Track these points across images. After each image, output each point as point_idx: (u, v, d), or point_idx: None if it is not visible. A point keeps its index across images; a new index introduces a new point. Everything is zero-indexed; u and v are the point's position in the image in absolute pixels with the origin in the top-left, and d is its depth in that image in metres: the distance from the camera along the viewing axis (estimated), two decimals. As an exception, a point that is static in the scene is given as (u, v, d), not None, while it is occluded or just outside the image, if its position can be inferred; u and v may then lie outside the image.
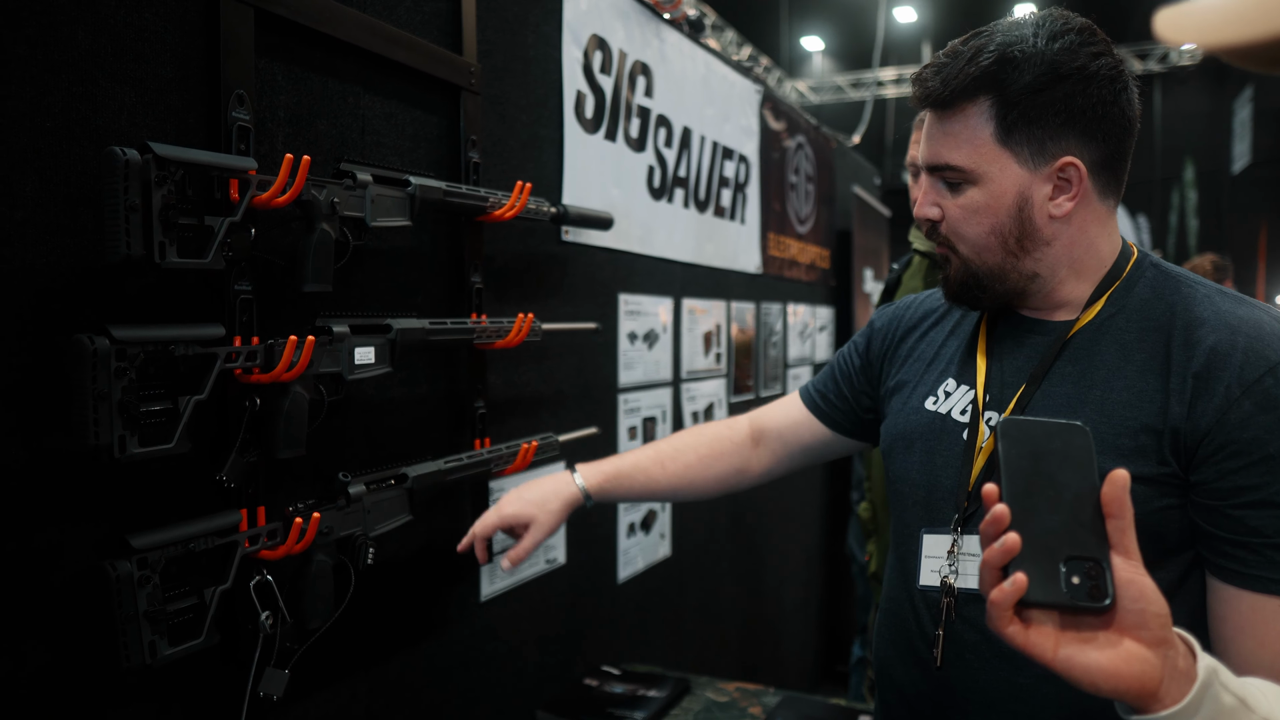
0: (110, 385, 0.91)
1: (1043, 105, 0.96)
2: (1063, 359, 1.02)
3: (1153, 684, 0.68)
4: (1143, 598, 0.69)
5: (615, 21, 2.01)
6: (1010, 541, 0.69)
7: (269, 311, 1.15)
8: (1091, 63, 0.96)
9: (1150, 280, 1.03)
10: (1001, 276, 1.04)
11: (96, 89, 0.97)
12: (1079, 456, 0.73)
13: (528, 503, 1.38)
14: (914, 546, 1.09)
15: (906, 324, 1.26)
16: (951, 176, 1.02)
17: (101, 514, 0.98)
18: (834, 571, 3.86)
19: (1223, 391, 0.90)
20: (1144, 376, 0.96)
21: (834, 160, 3.70)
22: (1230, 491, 0.89)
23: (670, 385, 2.37)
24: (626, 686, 1.89)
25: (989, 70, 0.96)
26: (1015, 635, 0.70)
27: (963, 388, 1.11)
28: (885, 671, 1.16)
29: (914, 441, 1.13)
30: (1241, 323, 0.94)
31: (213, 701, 1.11)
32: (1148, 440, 0.93)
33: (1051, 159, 0.98)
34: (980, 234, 1.02)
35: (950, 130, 1.01)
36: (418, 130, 1.43)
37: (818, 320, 3.62)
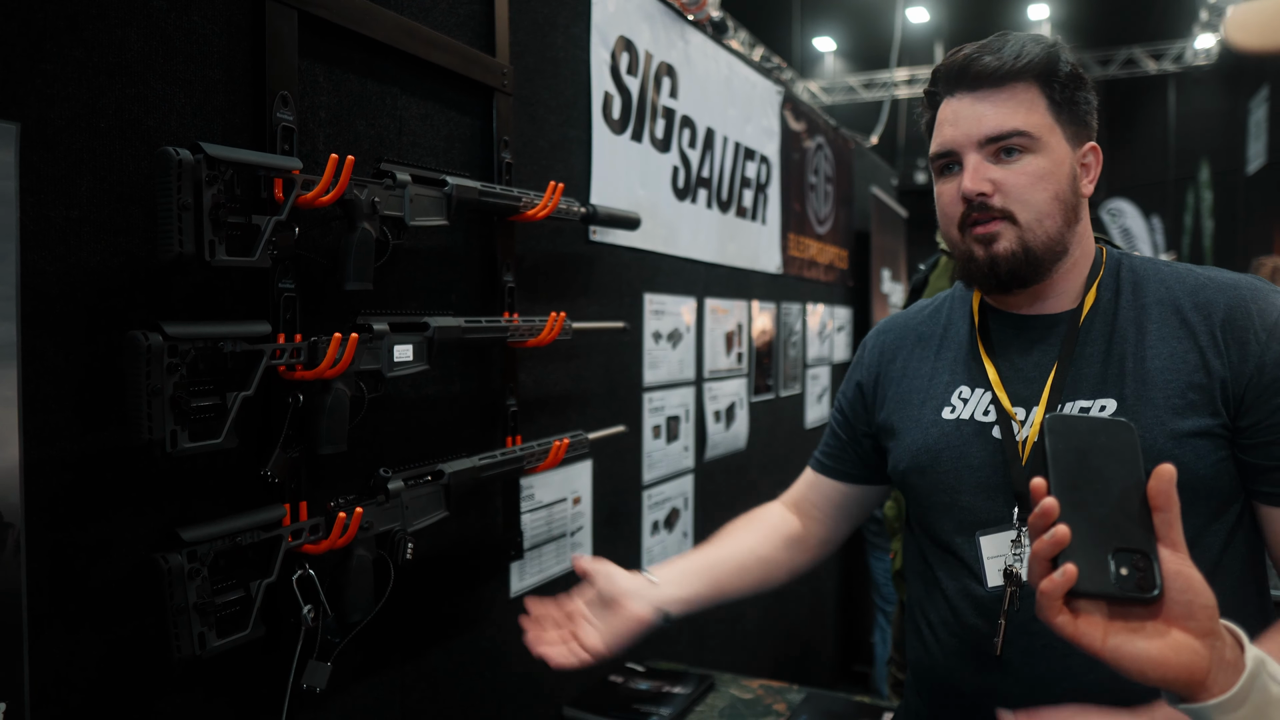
0: (163, 381, 0.93)
1: (1075, 99, 1.08)
2: (1081, 342, 1.08)
3: (1200, 673, 0.69)
4: (1190, 589, 0.70)
5: (642, 23, 2.03)
6: (1060, 533, 0.71)
7: (310, 309, 1.17)
8: (1086, 75, 1.10)
9: (1128, 266, 1.12)
10: (1053, 247, 1.06)
11: (148, 90, 0.98)
12: (1124, 451, 0.75)
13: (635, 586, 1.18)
14: (972, 552, 1.09)
15: (888, 349, 1.27)
16: (1018, 142, 1.05)
17: (152, 507, 1.00)
18: (850, 572, 3.86)
19: (1252, 338, 1.00)
20: (1169, 342, 1.03)
21: (853, 161, 3.71)
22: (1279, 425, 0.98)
23: (694, 384, 2.38)
24: (651, 683, 1.90)
25: (1039, 58, 1.06)
26: (1065, 625, 0.71)
27: (978, 391, 1.13)
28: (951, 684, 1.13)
29: (940, 453, 1.13)
30: (1235, 281, 1.05)
31: (256, 693, 1.13)
32: (1196, 396, 1.00)
33: (1083, 142, 1.10)
34: (1045, 199, 1.05)
35: (1008, 101, 1.06)
36: (452, 131, 1.45)
37: (836, 321, 3.63)
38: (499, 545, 1.59)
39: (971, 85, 1.07)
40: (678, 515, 2.32)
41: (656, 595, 1.19)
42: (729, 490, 2.61)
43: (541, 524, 1.73)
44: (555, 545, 1.78)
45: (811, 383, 3.33)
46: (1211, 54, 14.45)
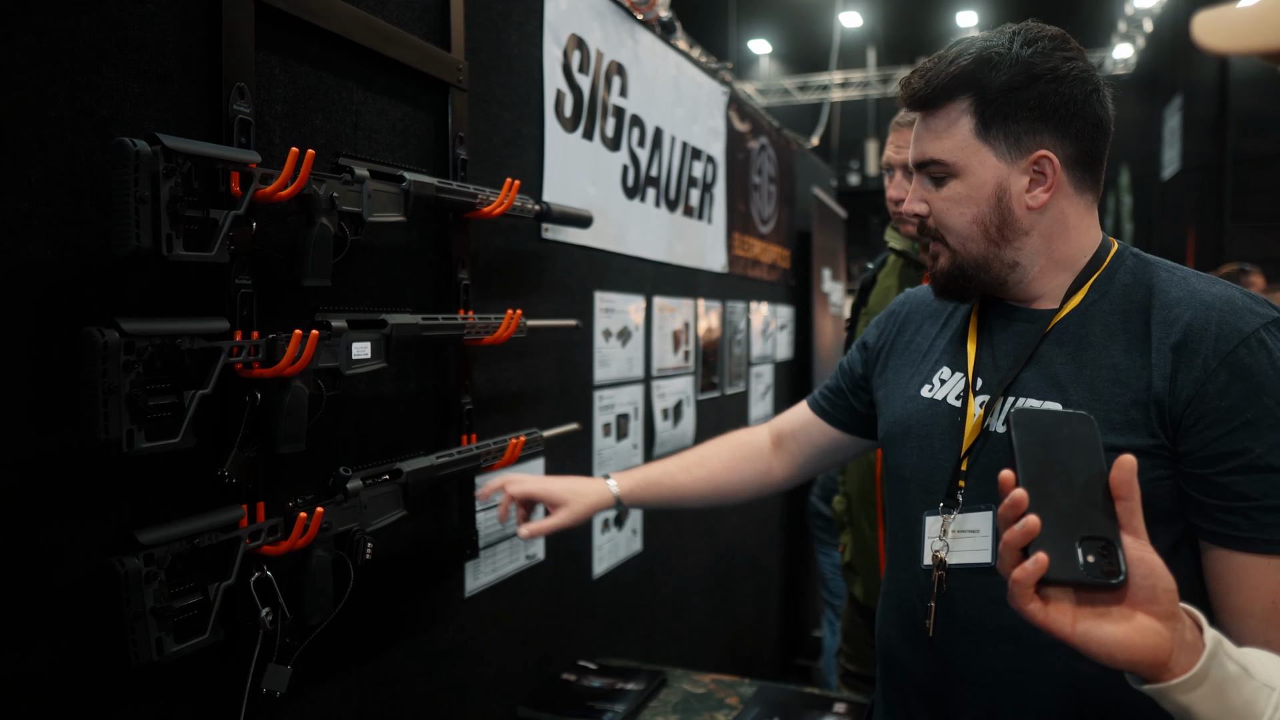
0: (120, 379, 0.90)
1: (1017, 103, 1.04)
2: (1050, 342, 1.08)
3: (1164, 655, 0.72)
4: (1153, 574, 0.73)
5: (593, 21, 2.03)
6: (1031, 523, 0.73)
7: (266, 306, 1.14)
8: (1063, 65, 1.04)
9: (1130, 267, 1.09)
10: (985, 266, 1.10)
11: (101, 79, 0.95)
12: (1086, 444, 0.78)
13: (568, 488, 1.49)
14: (918, 529, 1.14)
15: (901, 318, 1.32)
16: (936, 171, 1.09)
17: (106, 509, 0.97)
18: (791, 569, 3.92)
19: (1200, 364, 0.96)
20: (1128, 354, 1.02)
21: (794, 162, 3.76)
22: (1215, 459, 0.95)
23: (642, 383, 2.40)
24: (604, 681, 1.91)
25: (967, 70, 1.05)
26: (1036, 612, 0.74)
27: (957, 374, 1.16)
28: (890, 653, 1.20)
29: (911, 428, 1.18)
30: (1215, 299, 1.00)
31: (212, 698, 1.10)
32: (1137, 414, 0.98)
33: (1027, 152, 1.05)
34: (964, 223, 1.09)
35: (933, 127, 1.09)
36: (408, 126, 1.43)
37: (779, 319, 3.68)
38: (455, 544, 1.58)
39: (909, 106, 1.12)
40: (627, 512, 2.33)
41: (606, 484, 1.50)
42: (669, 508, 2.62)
43: (495, 523, 1.72)
44: (509, 544, 1.77)
45: (755, 381, 3.37)
46: (1129, 63, 15.01)
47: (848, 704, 1.82)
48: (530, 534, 1.46)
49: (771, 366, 3.58)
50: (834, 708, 1.80)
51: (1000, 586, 1.05)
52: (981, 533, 1.07)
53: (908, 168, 1.90)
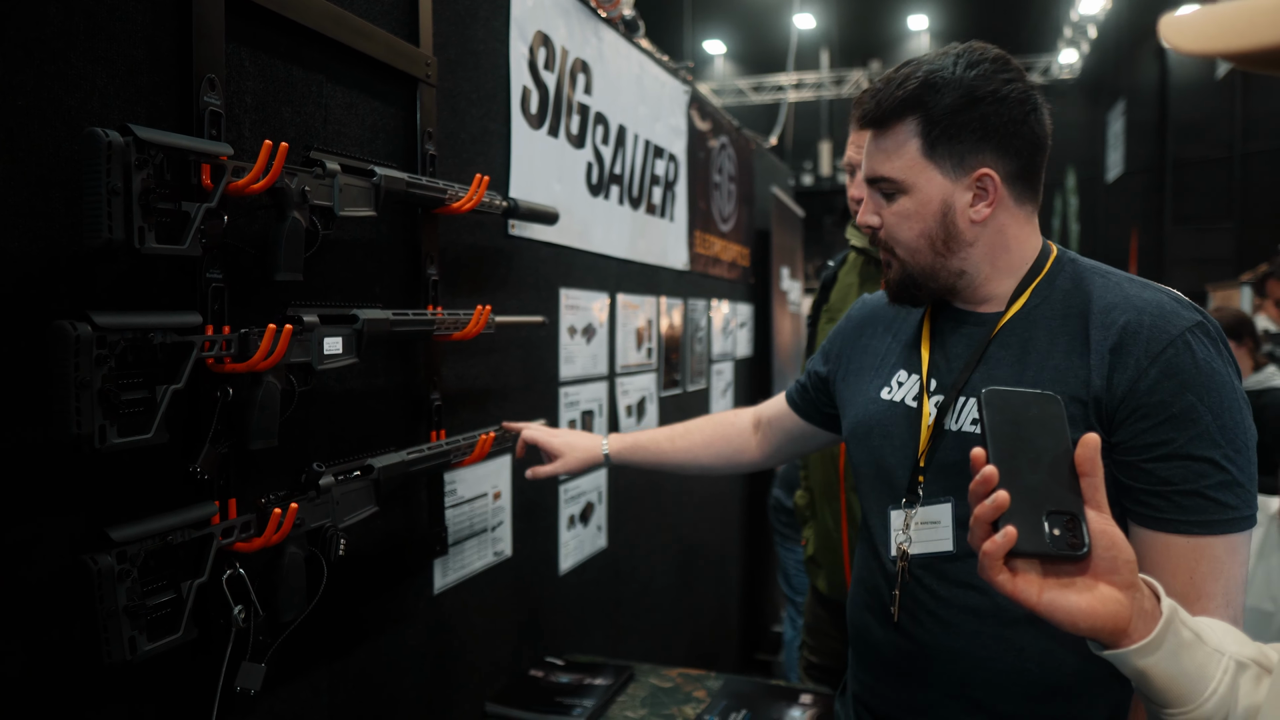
0: (92, 373, 0.88)
1: (961, 124, 1.10)
2: (997, 344, 1.15)
3: (1124, 622, 0.76)
4: (1114, 546, 0.77)
5: (558, 19, 2.03)
6: (1000, 498, 0.77)
7: (236, 300, 1.13)
8: (1004, 87, 1.10)
9: (1069, 273, 1.16)
10: (932, 275, 1.17)
11: (69, 68, 0.94)
12: (1053, 423, 0.82)
13: (565, 441, 1.68)
14: (884, 522, 1.21)
15: (858, 324, 1.40)
16: (886, 187, 1.16)
17: (76, 506, 0.95)
18: (752, 564, 3.95)
19: (1133, 364, 1.04)
20: (1068, 356, 1.09)
21: (754, 161, 3.80)
22: (1143, 448, 1.03)
23: (606, 379, 2.40)
24: (572, 676, 1.91)
25: (914, 93, 1.11)
26: (1004, 583, 0.77)
27: (913, 376, 1.23)
28: (861, 635, 1.27)
29: (872, 428, 1.25)
30: (1147, 304, 1.07)
31: (184, 697, 1.09)
32: (1076, 410, 1.05)
33: (970, 170, 1.11)
34: (911, 237, 1.16)
35: (883, 146, 1.15)
36: (377, 121, 1.42)
37: (739, 317, 3.71)
38: (424, 541, 1.57)
39: (861, 125, 1.18)
40: (592, 509, 2.33)
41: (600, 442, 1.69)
42: (640, 485, 2.64)
43: (464, 519, 1.71)
44: (477, 540, 1.77)
45: (716, 378, 3.40)
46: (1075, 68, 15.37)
47: (813, 695, 1.84)
48: (532, 476, 1.66)
49: (732, 364, 3.61)
50: (800, 699, 1.83)
51: (962, 570, 1.11)
52: (942, 523, 1.14)
53: None
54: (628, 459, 1.70)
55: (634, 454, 1.69)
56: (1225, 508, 1.00)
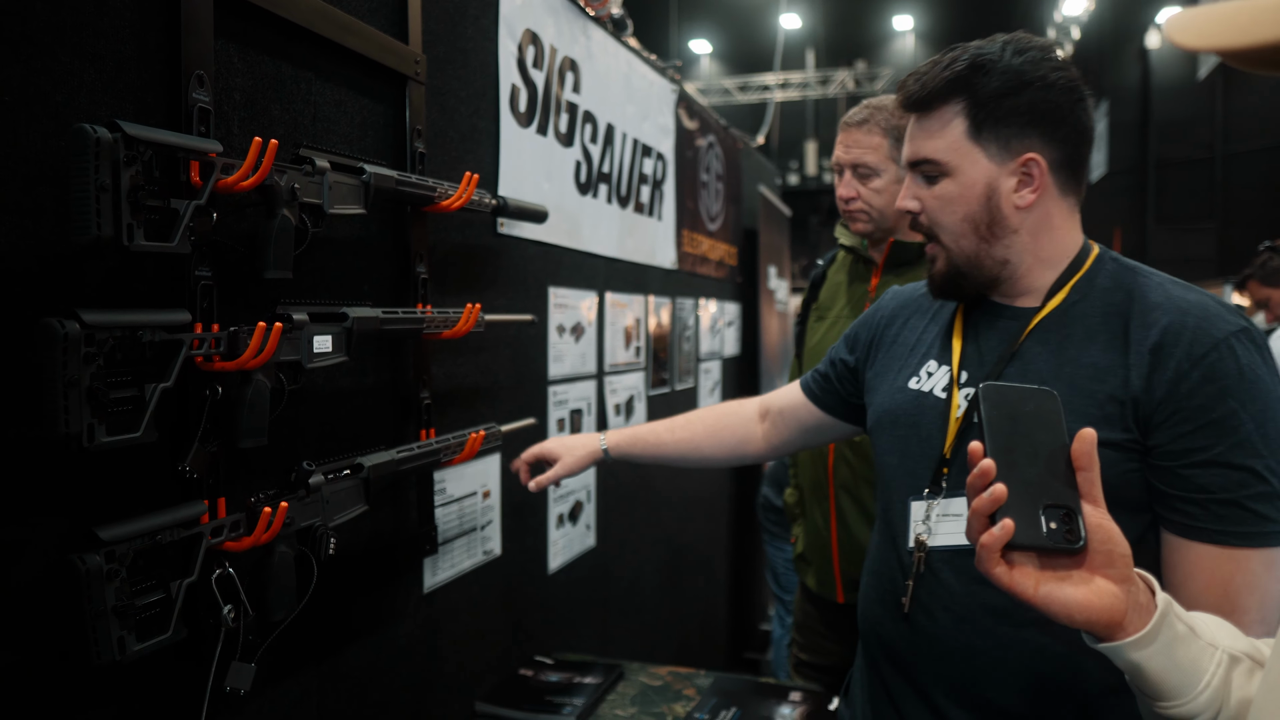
0: (80, 371, 0.88)
1: (1008, 108, 1.09)
2: (1033, 339, 1.13)
3: (1119, 615, 0.77)
4: (1110, 540, 0.78)
5: (547, 17, 2.03)
6: (998, 491, 0.77)
7: (225, 298, 1.12)
8: (1051, 74, 1.10)
9: (1110, 271, 1.14)
10: (977, 263, 1.16)
11: (56, 64, 0.93)
12: (1050, 418, 0.82)
13: (562, 444, 1.67)
14: (903, 513, 1.19)
15: (889, 314, 1.38)
16: (929, 170, 1.15)
17: (63, 505, 0.94)
18: (739, 562, 3.96)
19: (1174, 366, 1.02)
20: (1107, 354, 1.07)
21: (741, 160, 3.80)
22: (1181, 453, 1.01)
23: (595, 378, 2.40)
24: (562, 675, 1.91)
25: (962, 75, 1.11)
26: (1001, 575, 0.78)
27: (943, 368, 1.21)
28: (872, 628, 1.25)
29: (899, 418, 1.23)
30: (1191, 306, 1.05)
31: (173, 697, 1.08)
32: (1113, 410, 1.04)
33: (1016, 155, 1.11)
34: (954, 221, 1.15)
35: (927, 129, 1.14)
36: (366, 118, 1.42)
37: (726, 316, 3.71)
38: (414, 540, 1.57)
39: (905, 108, 1.17)
40: (581, 508, 2.33)
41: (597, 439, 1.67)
42: (629, 484, 2.64)
43: (453, 518, 1.71)
44: (466, 539, 1.76)
45: (704, 376, 3.40)
46: (1057, 69, 15.45)
47: (803, 693, 1.85)
48: (536, 486, 1.62)
49: (719, 362, 3.62)
50: (789, 696, 1.83)
51: None
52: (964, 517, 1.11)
53: (856, 167, 1.94)
54: (627, 453, 1.67)
55: (633, 447, 1.67)
56: (1264, 520, 0.97)
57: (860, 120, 1.94)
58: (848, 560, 2.00)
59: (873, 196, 1.93)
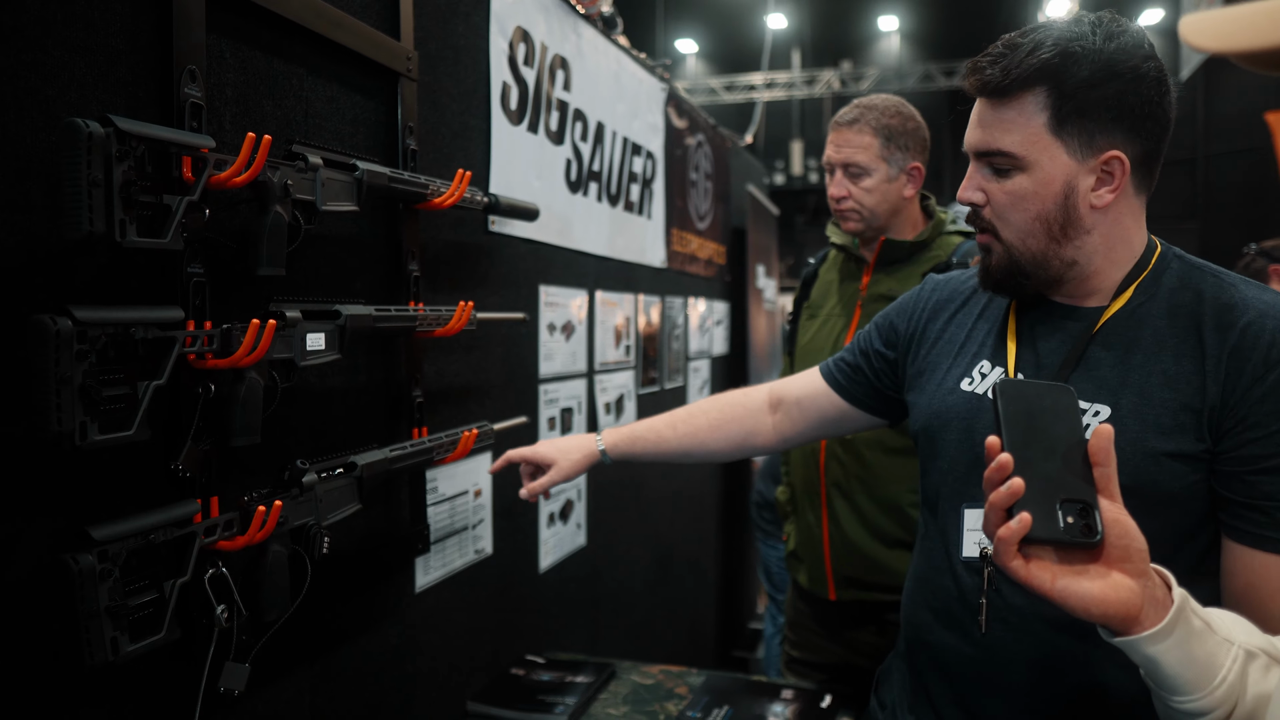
0: (72, 369, 0.87)
1: (1096, 100, 1.01)
2: (1097, 343, 1.07)
3: (1135, 609, 0.77)
4: (1127, 535, 0.78)
5: (537, 15, 2.02)
6: (1016, 485, 0.77)
7: (217, 295, 1.11)
8: (1143, 64, 1.01)
9: (1176, 270, 1.09)
10: (1044, 263, 1.08)
11: (47, 57, 0.92)
12: (1067, 413, 0.83)
13: (555, 447, 1.57)
14: (955, 520, 1.14)
15: (933, 306, 1.30)
16: (1001, 163, 1.07)
17: (54, 504, 0.93)
18: (727, 561, 3.96)
19: (1250, 370, 0.97)
20: (1179, 360, 1.02)
21: (729, 159, 3.81)
22: (1249, 459, 0.97)
23: (585, 377, 2.40)
24: (553, 674, 1.91)
25: (1050, 63, 1.01)
26: (1018, 569, 0.78)
27: (997, 369, 1.15)
28: (920, 637, 1.20)
29: (950, 421, 1.17)
30: (1269, 307, 1.01)
31: (165, 698, 1.07)
32: (1187, 419, 0.99)
33: (1099, 152, 1.03)
34: (1026, 220, 1.07)
35: (1004, 117, 1.05)
36: (358, 115, 1.41)
37: (715, 315, 3.71)
38: (406, 539, 1.56)
39: (979, 92, 1.08)
40: (572, 507, 2.33)
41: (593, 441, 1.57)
42: (619, 482, 2.64)
43: (445, 517, 1.70)
44: (458, 538, 1.75)
45: (693, 375, 3.40)
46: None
47: (794, 690, 1.85)
48: (529, 493, 1.55)
49: (708, 361, 3.62)
50: (781, 694, 1.83)
51: None
52: None
53: (847, 166, 1.94)
54: (627, 453, 1.57)
55: (634, 447, 1.57)
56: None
57: (851, 120, 1.95)
58: (839, 558, 2.00)
59: (863, 195, 1.94)
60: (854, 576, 1.99)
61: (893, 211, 1.95)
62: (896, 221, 1.97)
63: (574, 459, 1.55)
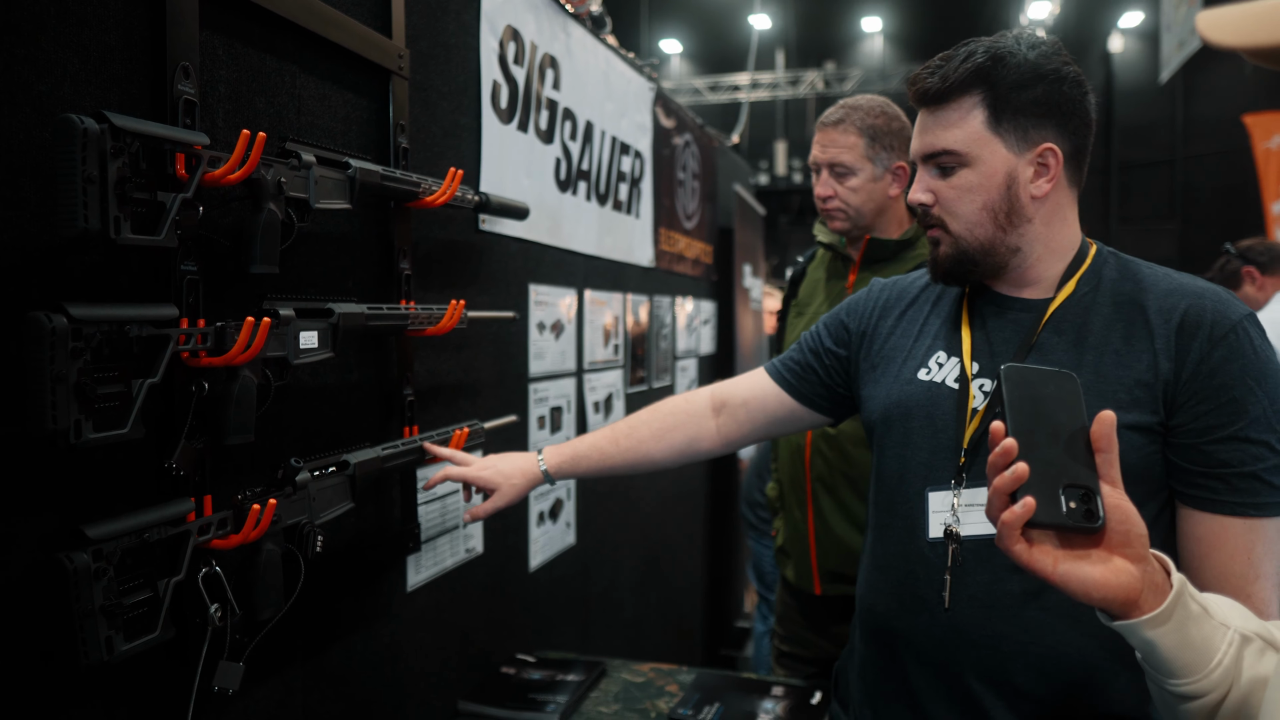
0: (67, 366, 0.86)
1: (1027, 99, 1.12)
2: (1049, 330, 1.16)
3: (1134, 594, 0.78)
4: (1128, 520, 0.79)
5: (527, 14, 2.02)
6: (1020, 470, 0.78)
7: (211, 293, 1.11)
8: (1063, 67, 1.14)
9: (1114, 265, 1.18)
10: (991, 250, 1.17)
11: (40, 52, 0.91)
12: (1070, 399, 0.84)
13: (497, 472, 1.51)
14: (921, 504, 1.18)
15: (882, 305, 1.37)
16: (947, 161, 1.16)
17: (48, 503, 0.92)
18: (715, 560, 3.97)
19: (1198, 347, 1.07)
20: (1129, 341, 1.11)
21: (716, 159, 3.81)
22: (1204, 430, 1.06)
23: (574, 375, 2.40)
24: (544, 673, 1.91)
25: (983, 66, 1.12)
26: (1021, 553, 0.79)
27: (953, 359, 1.22)
28: (884, 623, 1.23)
29: (911, 409, 1.23)
30: (1205, 290, 1.11)
31: (158, 697, 1.06)
32: (1142, 394, 1.08)
33: (1034, 145, 1.14)
34: (973, 210, 1.16)
35: (946, 120, 1.15)
36: (349, 113, 1.41)
37: (702, 314, 3.72)
38: (397, 538, 1.56)
39: (919, 102, 1.18)
40: (561, 505, 2.33)
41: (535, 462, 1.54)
42: (608, 481, 2.64)
43: (435, 516, 1.70)
44: (449, 537, 1.75)
45: (681, 374, 3.41)
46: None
47: (785, 687, 1.86)
48: (471, 518, 1.50)
49: (696, 360, 3.63)
50: (772, 691, 1.84)
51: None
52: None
53: (833, 166, 1.96)
54: (570, 473, 1.54)
55: (577, 466, 1.54)
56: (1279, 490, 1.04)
57: (836, 120, 1.97)
58: (824, 553, 2.02)
59: (849, 195, 1.96)
60: (839, 571, 2.01)
61: (878, 211, 1.97)
62: (882, 220, 1.99)
63: (516, 483, 1.51)
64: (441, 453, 1.53)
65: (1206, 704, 0.78)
